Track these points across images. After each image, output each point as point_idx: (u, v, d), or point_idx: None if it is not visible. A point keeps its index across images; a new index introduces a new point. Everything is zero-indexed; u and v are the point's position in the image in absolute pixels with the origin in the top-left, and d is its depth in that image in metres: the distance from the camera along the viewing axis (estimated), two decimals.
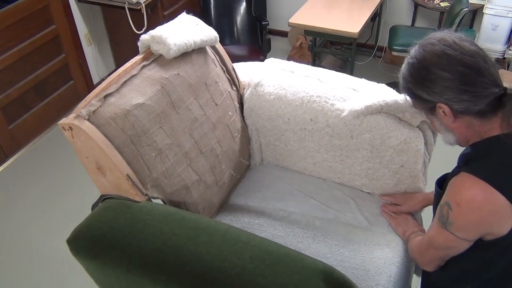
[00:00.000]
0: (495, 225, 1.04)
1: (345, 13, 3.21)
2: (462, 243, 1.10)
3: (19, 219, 2.59)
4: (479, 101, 1.03)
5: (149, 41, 1.50)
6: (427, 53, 1.06)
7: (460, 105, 1.04)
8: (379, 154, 1.61)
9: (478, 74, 1.02)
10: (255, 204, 1.70)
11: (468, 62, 1.02)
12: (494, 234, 1.06)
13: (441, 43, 1.05)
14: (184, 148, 1.50)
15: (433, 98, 1.06)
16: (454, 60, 1.03)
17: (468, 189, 1.04)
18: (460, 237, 1.09)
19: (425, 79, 1.06)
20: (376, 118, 1.56)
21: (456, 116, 1.07)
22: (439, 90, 1.04)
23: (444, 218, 1.09)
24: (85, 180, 1.52)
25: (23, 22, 2.87)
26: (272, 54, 3.16)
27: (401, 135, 1.55)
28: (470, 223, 1.06)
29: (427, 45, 1.07)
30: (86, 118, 1.28)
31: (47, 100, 3.20)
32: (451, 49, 1.03)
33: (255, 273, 1.08)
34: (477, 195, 1.02)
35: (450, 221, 1.08)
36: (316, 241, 1.53)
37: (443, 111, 1.07)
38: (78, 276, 1.83)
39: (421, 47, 1.08)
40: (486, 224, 1.05)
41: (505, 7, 3.14)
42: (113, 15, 3.42)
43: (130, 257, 1.16)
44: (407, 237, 1.48)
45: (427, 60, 1.06)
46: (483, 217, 1.04)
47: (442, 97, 1.05)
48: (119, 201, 1.32)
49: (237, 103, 1.77)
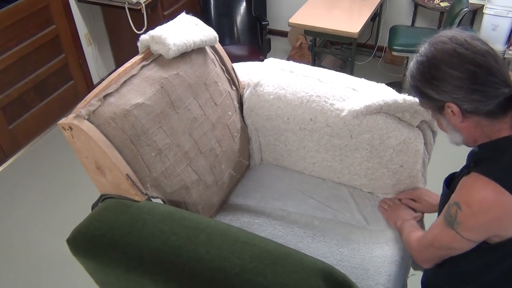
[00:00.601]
0: (504, 227, 1.04)
1: (345, 13, 3.21)
2: (467, 243, 1.09)
3: (19, 219, 2.59)
4: (490, 101, 1.01)
5: (149, 41, 1.50)
6: (437, 51, 1.04)
7: (470, 105, 1.02)
8: (378, 154, 1.61)
9: (489, 74, 1.00)
10: (254, 203, 1.70)
11: (479, 61, 1.00)
12: (501, 237, 1.05)
13: (452, 41, 1.03)
14: (184, 148, 1.50)
15: (442, 97, 1.04)
16: (465, 59, 1.00)
17: (479, 190, 1.02)
18: (466, 238, 1.08)
19: (435, 77, 1.04)
20: (376, 119, 1.56)
21: (465, 116, 1.05)
22: (449, 89, 1.02)
23: (452, 218, 1.08)
24: (85, 180, 1.52)
25: (23, 22, 2.87)
26: (272, 54, 3.17)
27: (401, 136, 1.55)
28: (479, 224, 1.05)
29: (437, 43, 1.05)
30: (85, 118, 1.28)
31: (47, 100, 3.20)
32: (463, 47, 1.01)
33: (254, 272, 1.08)
34: (488, 196, 1.01)
35: (458, 221, 1.06)
36: (316, 240, 1.53)
37: (451, 110, 1.05)
38: (78, 276, 1.83)
39: (431, 45, 1.06)
40: (495, 226, 1.04)
41: (505, 7, 3.14)
42: (113, 15, 3.42)
43: (130, 256, 1.17)
44: (399, 227, 1.48)
45: (437, 58, 1.03)
46: (493, 219, 1.02)
47: (452, 96, 1.03)
48: (119, 201, 1.32)
49: (236, 103, 1.77)
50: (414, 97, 1.12)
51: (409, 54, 3.21)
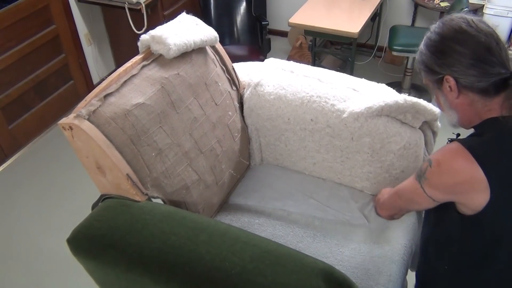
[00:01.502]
0: (466, 196, 1.09)
1: (345, 13, 3.21)
2: (426, 200, 1.17)
3: (19, 219, 2.59)
4: (485, 78, 1.07)
5: (149, 41, 1.50)
6: (445, 26, 1.12)
7: (466, 80, 1.08)
8: (379, 159, 1.61)
9: (489, 53, 1.06)
10: (255, 203, 1.70)
11: (481, 40, 1.07)
12: (466, 206, 1.10)
13: (460, 19, 1.11)
14: (184, 148, 1.50)
15: (443, 70, 1.11)
16: (469, 36, 1.08)
17: (452, 154, 1.09)
18: (427, 194, 1.16)
19: (439, 50, 1.11)
20: (376, 123, 1.56)
21: (461, 91, 1.11)
22: (450, 62, 1.09)
23: (421, 172, 1.16)
24: (85, 180, 1.52)
25: (23, 22, 2.87)
26: (272, 54, 3.16)
27: (401, 141, 1.56)
28: (442, 184, 1.12)
29: (447, 19, 1.13)
30: (86, 118, 1.28)
31: (47, 100, 3.20)
32: (468, 25, 1.09)
33: (255, 272, 1.08)
34: (458, 161, 1.08)
35: (425, 176, 1.15)
36: (316, 240, 1.53)
37: (449, 85, 1.11)
38: (78, 276, 1.83)
39: (441, 22, 1.14)
40: (457, 191, 1.10)
41: (505, 7, 3.13)
42: (113, 15, 3.42)
43: (130, 256, 1.16)
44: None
45: (443, 33, 1.11)
46: (456, 183, 1.09)
47: (451, 69, 1.09)
48: (119, 201, 1.32)
49: (237, 103, 1.77)
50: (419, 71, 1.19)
51: (409, 54, 3.21)
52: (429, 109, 1.56)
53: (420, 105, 1.55)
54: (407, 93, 1.61)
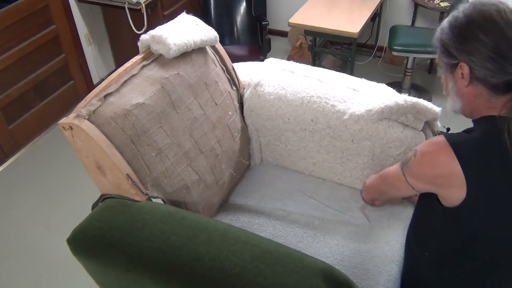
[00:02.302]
0: (444, 188, 1.11)
1: (345, 13, 3.21)
2: (405, 187, 1.21)
3: (19, 219, 2.59)
4: (499, 75, 1.02)
5: (149, 41, 1.50)
6: (475, 10, 1.05)
7: (481, 72, 1.04)
8: (380, 163, 1.61)
9: (511, 49, 1.01)
10: (255, 203, 1.70)
11: (508, 34, 1.01)
12: (444, 199, 1.12)
13: (492, 6, 1.04)
14: (184, 148, 1.50)
15: (460, 55, 1.06)
16: (496, 27, 1.01)
17: (436, 147, 1.11)
18: (409, 182, 1.19)
19: (462, 34, 1.06)
20: (377, 128, 1.56)
21: (471, 81, 1.08)
22: (469, 49, 1.04)
23: (406, 160, 1.19)
24: (85, 180, 1.52)
25: (23, 22, 2.87)
26: (272, 54, 3.17)
27: (401, 146, 1.56)
28: (422, 175, 1.15)
29: (478, 3, 1.06)
30: (86, 118, 1.28)
31: (47, 100, 3.20)
32: (499, 15, 1.02)
33: (255, 272, 1.08)
34: (439, 155, 1.09)
35: (408, 164, 1.18)
36: (316, 240, 1.53)
37: (462, 72, 1.08)
38: (78, 276, 1.83)
39: (471, 4, 1.07)
40: (436, 183, 1.12)
41: None
42: (113, 15, 3.42)
43: (130, 256, 1.16)
44: None
45: (471, 17, 1.05)
46: (435, 176, 1.11)
47: (468, 57, 1.05)
48: (119, 201, 1.32)
49: (237, 103, 1.77)
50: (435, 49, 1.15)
51: (409, 54, 3.21)
52: (430, 109, 1.56)
53: (420, 104, 1.54)
54: (407, 93, 1.61)
